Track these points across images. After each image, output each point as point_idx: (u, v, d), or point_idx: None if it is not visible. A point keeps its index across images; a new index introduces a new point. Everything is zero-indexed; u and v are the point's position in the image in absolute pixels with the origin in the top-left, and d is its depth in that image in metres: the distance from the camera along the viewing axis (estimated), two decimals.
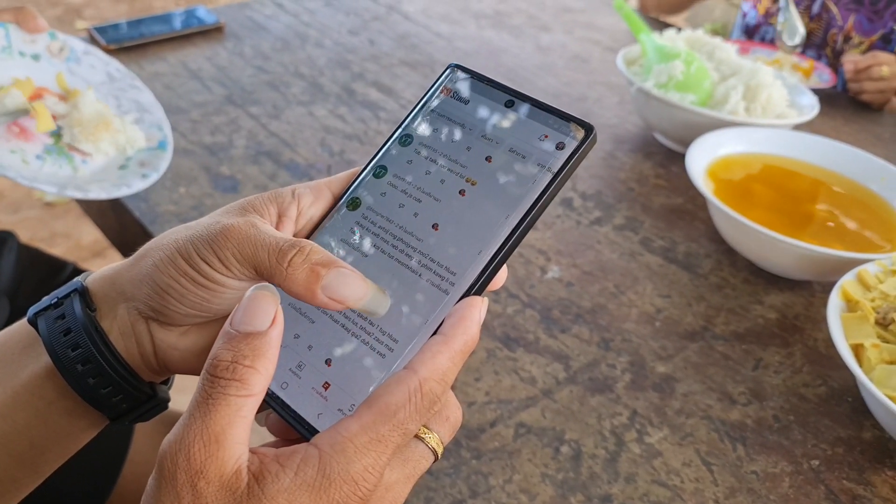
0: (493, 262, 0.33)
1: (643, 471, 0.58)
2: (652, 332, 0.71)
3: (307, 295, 0.31)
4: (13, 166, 0.68)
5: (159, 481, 0.27)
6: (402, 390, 0.29)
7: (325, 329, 0.34)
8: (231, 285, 0.33)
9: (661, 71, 0.99)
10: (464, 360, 0.31)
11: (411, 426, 0.29)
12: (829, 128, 1.15)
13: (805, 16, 1.41)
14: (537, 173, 0.34)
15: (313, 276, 0.31)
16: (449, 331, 0.31)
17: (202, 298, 0.33)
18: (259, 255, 0.32)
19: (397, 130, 0.38)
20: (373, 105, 1.07)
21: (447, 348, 0.30)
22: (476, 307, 0.31)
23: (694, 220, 0.89)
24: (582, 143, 0.34)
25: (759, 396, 0.65)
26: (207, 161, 0.90)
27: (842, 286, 0.67)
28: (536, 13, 1.50)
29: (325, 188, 0.37)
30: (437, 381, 0.29)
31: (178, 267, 0.33)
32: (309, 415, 0.32)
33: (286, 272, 0.31)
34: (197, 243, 0.33)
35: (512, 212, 0.34)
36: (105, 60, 0.82)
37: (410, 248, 0.34)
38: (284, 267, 0.31)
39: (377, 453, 0.28)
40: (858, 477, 0.59)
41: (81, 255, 2.06)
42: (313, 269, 0.31)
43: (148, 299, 0.34)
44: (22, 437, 0.35)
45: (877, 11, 1.34)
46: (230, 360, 0.28)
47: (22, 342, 0.36)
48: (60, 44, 0.77)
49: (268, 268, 0.32)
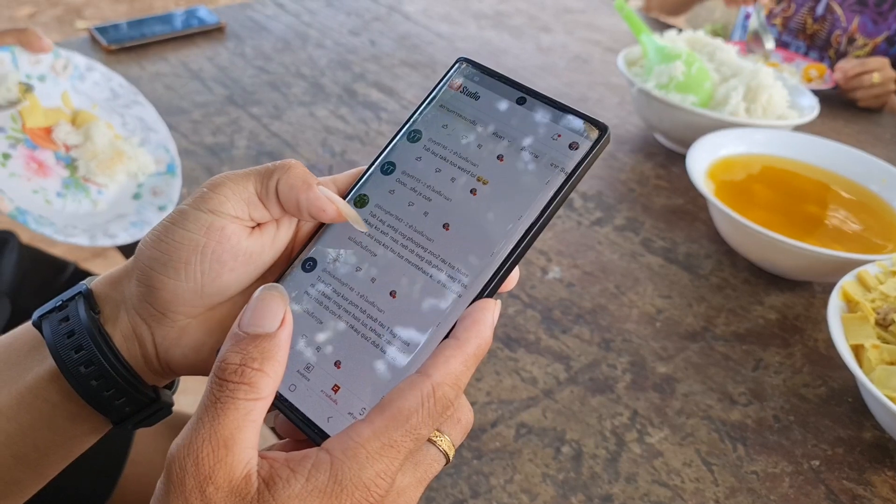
0: (506, 265, 0.32)
1: (644, 471, 0.58)
2: (652, 332, 0.72)
3: (303, 186, 0.33)
4: (40, 212, 0.70)
5: (167, 486, 0.27)
6: (416, 395, 0.28)
7: (334, 330, 0.33)
8: (221, 229, 0.33)
9: (662, 72, 0.99)
10: (477, 364, 0.30)
11: (424, 431, 0.28)
12: (830, 129, 1.15)
13: (809, 17, 1.41)
14: (550, 173, 0.33)
15: (311, 176, 0.33)
16: (462, 334, 0.30)
17: (185, 261, 0.33)
18: (257, 171, 0.34)
19: (405, 125, 0.37)
20: (374, 105, 1.08)
21: (460, 352, 0.30)
22: (489, 310, 0.31)
23: (694, 220, 0.89)
24: (596, 143, 0.33)
25: (759, 397, 0.66)
26: (209, 161, 0.90)
27: (842, 287, 0.67)
28: (537, 14, 1.50)
29: (330, 184, 0.37)
30: (450, 385, 0.29)
31: (161, 234, 0.33)
32: (318, 418, 0.32)
33: (288, 166, 0.33)
34: (190, 199, 0.34)
35: (525, 213, 0.33)
36: (108, 76, 0.82)
37: (421, 247, 0.34)
38: (286, 164, 0.34)
39: (389, 459, 0.28)
40: (858, 477, 0.59)
41: (82, 255, 2.05)
42: (310, 174, 0.34)
43: (138, 285, 0.34)
44: (26, 439, 0.35)
45: (881, 13, 1.34)
46: (238, 364, 0.28)
47: (27, 345, 0.36)
48: (64, 61, 0.78)
49: (269, 171, 0.34)
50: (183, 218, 0.33)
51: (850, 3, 1.36)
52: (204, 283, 0.34)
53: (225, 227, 0.33)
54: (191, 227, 0.32)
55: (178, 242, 0.33)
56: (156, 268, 0.33)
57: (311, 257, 0.35)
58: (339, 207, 0.33)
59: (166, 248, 0.33)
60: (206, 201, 0.33)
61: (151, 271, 0.33)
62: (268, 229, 0.35)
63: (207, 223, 0.32)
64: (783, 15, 1.44)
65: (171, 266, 0.33)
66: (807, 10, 1.40)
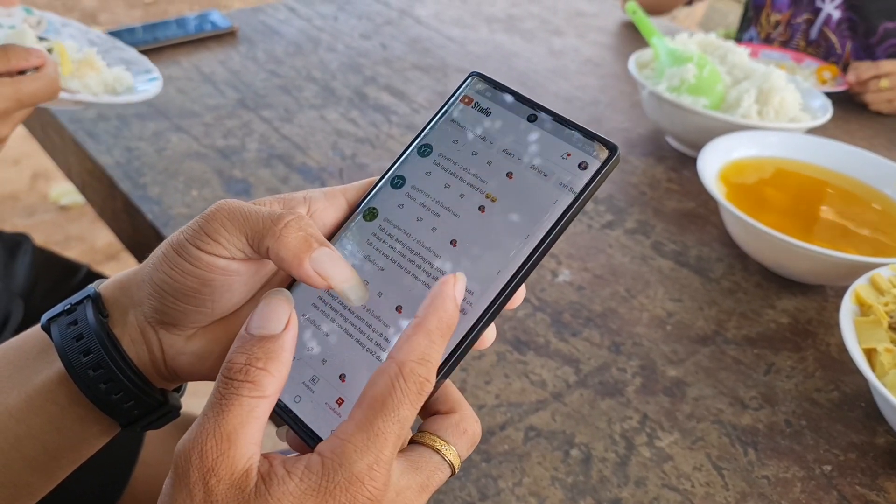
0: (512, 283, 0.32)
1: (653, 475, 0.58)
2: (663, 336, 0.71)
3: (294, 261, 0.31)
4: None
5: (174, 479, 0.27)
6: (384, 379, 0.29)
7: (340, 344, 0.34)
8: (224, 268, 0.33)
9: (674, 74, 0.99)
10: (444, 338, 0.30)
11: (403, 412, 0.28)
12: (843, 131, 1.14)
13: (802, 40, 1.41)
14: (559, 193, 0.33)
15: (305, 244, 0.31)
16: (421, 312, 0.30)
17: (196, 291, 0.33)
18: (250, 221, 0.32)
19: (416, 139, 0.37)
20: (385, 109, 1.08)
21: (421, 329, 0.30)
22: (448, 284, 0.31)
23: (706, 224, 0.89)
24: (605, 163, 0.33)
25: (770, 401, 0.65)
26: (220, 164, 0.91)
27: (855, 290, 0.66)
28: (549, 17, 1.50)
29: (339, 195, 0.37)
30: (416, 361, 0.29)
31: (170, 261, 0.33)
32: (322, 430, 0.32)
33: (279, 232, 0.31)
34: (187, 231, 0.33)
35: (532, 232, 0.33)
36: (84, 30, 0.81)
37: (428, 263, 0.34)
38: (279, 228, 0.31)
39: (378, 448, 0.28)
40: (871, 483, 0.59)
41: (95, 258, 2.07)
42: (307, 238, 0.31)
43: (150, 300, 0.34)
44: (36, 441, 0.35)
45: (868, 46, 1.34)
46: (243, 363, 0.28)
47: (37, 347, 0.36)
48: (38, 18, 0.77)
49: (260, 230, 0.31)
50: (187, 252, 0.33)
51: (842, 29, 1.36)
52: (214, 307, 0.35)
53: (228, 265, 0.33)
54: (195, 263, 0.33)
55: (187, 273, 0.33)
56: (166, 289, 0.34)
57: None
58: (331, 285, 0.32)
59: (176, 276, 0.33)
60: (205, 243, 0.32)
61: (163, 292, 0.34)
62: None
63: (210, 262, 0.33)
64: (780, 40, 1.45)
65: (181, 292, 0.33)
66: (801, 34, 1.41)
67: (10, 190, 2.28)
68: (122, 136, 0.94)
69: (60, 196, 2.26)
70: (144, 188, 0.85)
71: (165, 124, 0.98)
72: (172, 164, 0.90)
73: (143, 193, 0.84)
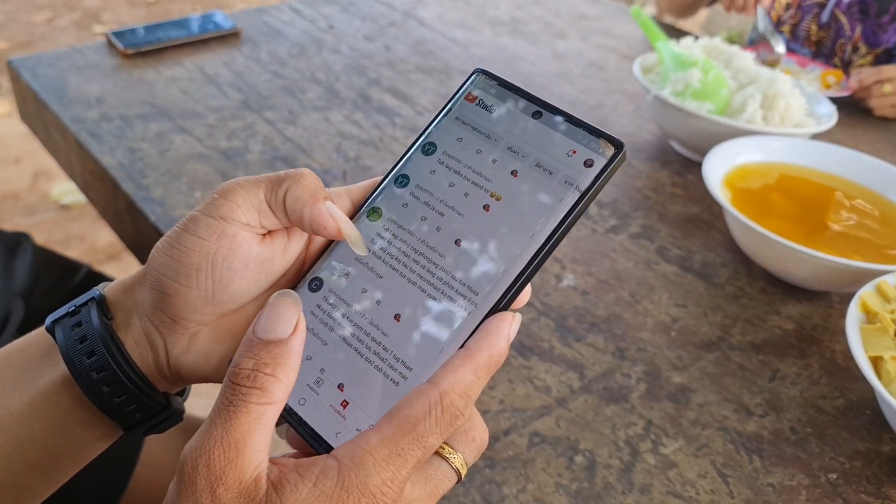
0: (518, 283, 0.32)
1: (658, 482, 0.57)
2: (667, 341, 0.71)
3: (310, 199, 0.33)
4: None
5: (179, 486, 0.27)
6: (423, 403, 0.28)
7: (344, 346, 0.33)
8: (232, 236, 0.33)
9: (678, 79, 0.98)
10: (489, 375, 0.30)
11: (432, 440, 0.28)
12: (848, 137, 1.14)
13: (814, 23, 1.41)
14: (564, 191, 0.33)
15: (321, 190, 0.33)
16: (474, 345, 0.30)
17: (196, 267, 0.33)
18: (269, 177, 0.34)
19: (420, 138, 0.37)
20: (388, 111, 1.07)
21: (470, 361, 0.29)
22: (505, 322, 0.31)
23: (710, 229, 0.89)
24: (611, 161, 0.33)
25: (775, 408, 0.65)
26: (223, 166, 0.91)
27: (861, 297, 0.66)
28: (552, 20, 1.49)
29: (344, 195, 0.37)
30: (458, 394, 0.29)
31: (174, 241, 0.33)
32: (327, 433, 0.32)
33: (300, 175, 0.33)
34: (201, 206, 0.34)
35: (537, 231, 0.33)
36: None
37: (432, 263, 0.34)
38: (299, 173, 0.34)
39: (396, 467, 0.28)
40: (877, 491, 0.58)
41: (96, 258, 2.07)
42: (323, 188, 0.34)
43: (150, 293, 0.34)
44: (38, 444, 0.35)
45: (881, 25, 1.34)
46: (251, 368, 0.28)
47: (40, 350, 0.36)
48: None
49: (280, 178, 0.33)
50: (194, 224, 0.33)
51: (853, 11, 1.35)
52: (215, 291, 0.34)
53: (236, 233, 0.33)
54: (202, 234, 0.33)
55: (190, 249, 0.33)
56: (167, 274, 0.33)
57: (317, 276, 0.35)
58: (340, 226, 0.33)
59: (178, 255, 0.33)
60: (217, 208, 0.33)
61: (163, 277, 0.33)
62: (279, 237, 0.35)
63: (219, 230, 0.33)
64: (791, 22, 1.44)
65: (183, 272, 0.33)
66: (812, 16, 1.40)
67: (11, 189, 2.28)
68: (125, 137, 0.94)
69: (62, 195, 2.26)
70: (147, 189, 0.85)
71: (168, 125, 0.98)
72: (175, 165, 0.90)
73: (145, 195, 0.84)
